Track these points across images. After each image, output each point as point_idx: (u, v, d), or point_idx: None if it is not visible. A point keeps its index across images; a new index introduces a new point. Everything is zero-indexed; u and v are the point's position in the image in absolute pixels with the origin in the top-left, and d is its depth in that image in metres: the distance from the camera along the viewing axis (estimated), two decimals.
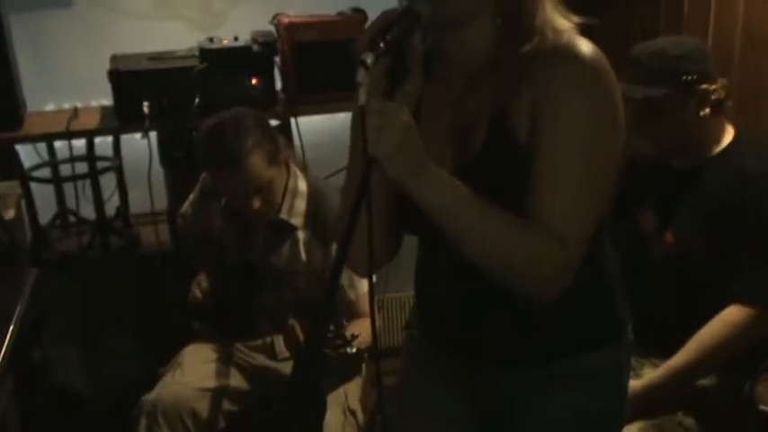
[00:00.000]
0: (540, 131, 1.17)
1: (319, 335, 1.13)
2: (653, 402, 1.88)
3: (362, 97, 1.06)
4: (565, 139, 1.16)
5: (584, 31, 1.21)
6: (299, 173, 2.22)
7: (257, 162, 2.03)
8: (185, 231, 2.44)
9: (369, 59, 1.06)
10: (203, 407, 2.14)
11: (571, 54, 1.16)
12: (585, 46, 1.17)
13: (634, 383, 1.91)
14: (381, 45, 1.08)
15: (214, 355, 2.28)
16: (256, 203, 2.08)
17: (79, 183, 2.99)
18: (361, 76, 1.05)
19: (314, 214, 2.19)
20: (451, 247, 1.18)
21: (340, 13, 2.92)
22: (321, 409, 2.06)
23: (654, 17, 2.59)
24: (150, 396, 2.12)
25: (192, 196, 2.38)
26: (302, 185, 2.21)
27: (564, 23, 1.20)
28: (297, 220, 2.18)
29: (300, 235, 2.19)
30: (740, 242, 1.85)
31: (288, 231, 2.19)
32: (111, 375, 2.80)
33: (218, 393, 2.19)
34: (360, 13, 2.88)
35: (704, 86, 1.89)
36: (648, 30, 2.60)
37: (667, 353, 1.92)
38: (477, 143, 1.22)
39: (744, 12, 2.21)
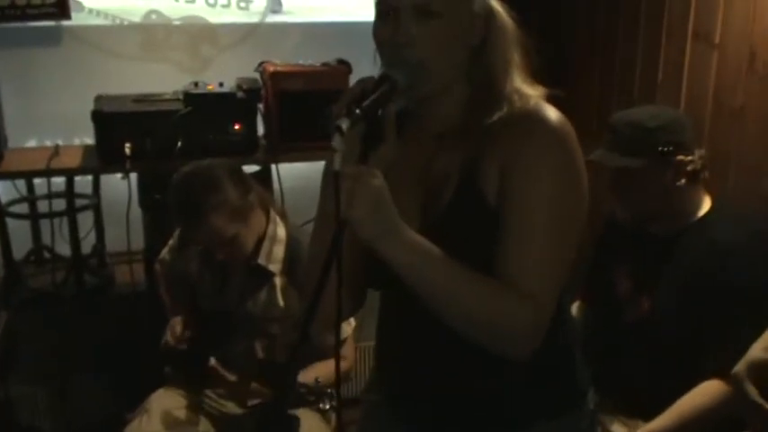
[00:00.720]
0: (509, 194, 1.20)
1: (285, 395, 1.13)
2: None
3: (337, 162, 1.08)
4: (533, 203, 1.19)
5: (561, 96, 1.26)
6: (278, 219, 2.24)
7: (219, 219, 2.05)
8: (163, 277, 2.44)
9: (344, 125, 1.08)
10: None
11: (538, 121, 1.20)
12: (552, 113, 1.22)
13: None
14: (357, 112, 1.10)
15: (183, 402, 2.25)
16: (219, 255, 2.12)
17: (56, 220, 2.99)
18: (337, 141, 1.07)
19: (291, 261, 2.20)
20: (414, 308, 1.20)
21: (325, 64, 2.96)
22: None
23: (629, 84, 2.67)
24: None
25: (171, 242, 2.39)
26: (281, 232, 2.22)
27: (532, 91, 1.25)
28: (275, 267, 2.19)
29: (278, 281, 2.20)
30: (714, 313, 1.85)
31: (265, 277, 2.20)
32: (77, 417, 2.76)
33: None
34: (344, 64, 2.93)
35: (681, 157, 1.92)
36: (624, 96, 2.68)
37: (636, 413, 1.93)
38: (445, 201, 1.25)
39: (714, 81, 2.28)
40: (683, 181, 1.94)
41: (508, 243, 1.20)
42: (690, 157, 1.94)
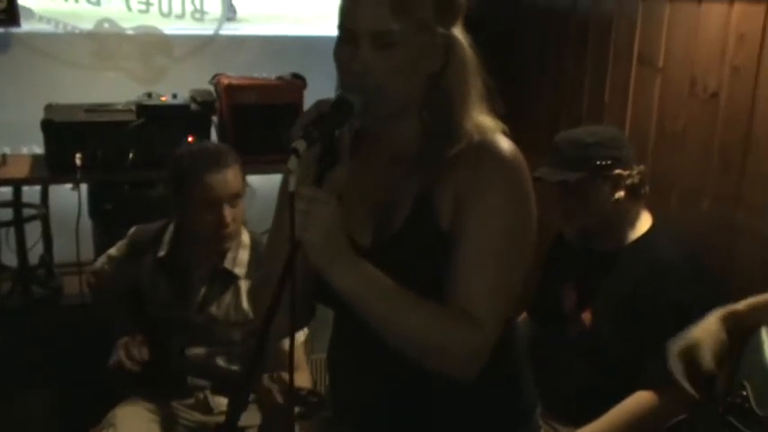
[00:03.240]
0: (462, 222, 1.23)
1: (239, 410, 1.14)
2: None
3: (292, 184, 1.10)
4: (484, 230, 1.22)
5: (514, 119, 1.30)
6: (241, 226, 2.26)
7: (237, 172, 2.16)
8: (100, 288, 2.40)
9: (300, 148, 1.09)
10: None
11: (492, 152, 1.23)
12: (505, 144, 1.25)
13: None
14: (314, 134, 1.12)
15: (150, 416, 2.21)
16: (229, 216, 2.12)
17: (3, 230, 2.93)
18: (293, 163, 1.09)
19: (257, 265, 2.22)
20: (365, 327, 1.21)
21: (279, 78, 2.98)
22: None
23: (578, 105, 2.74)
24: None
25: (112, 252, 2.35)
26: (245, 237, 2.25)
27: (489, 123, 1.27)
28: (240, 270, 2.21)
29: (243, 285, 2.21)
30: (649, 331, 1.91)
31: (230, 281, 2.21)
32: (23, 431, 2.70)
33: None
34: (299, 79, 2.95)
35: (618, 171, 2.01)
36: (573, 117, 2.75)
37: (577, 423, 1.97)
38: (398, 222, 1.27)
39: (658, 103, 2.36)
40: (622, 194, 2.01)
41: (459, 269, 1.22)
42: (628, 172, 2.02)
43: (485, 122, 1.26)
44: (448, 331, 1.21)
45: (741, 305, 1.49)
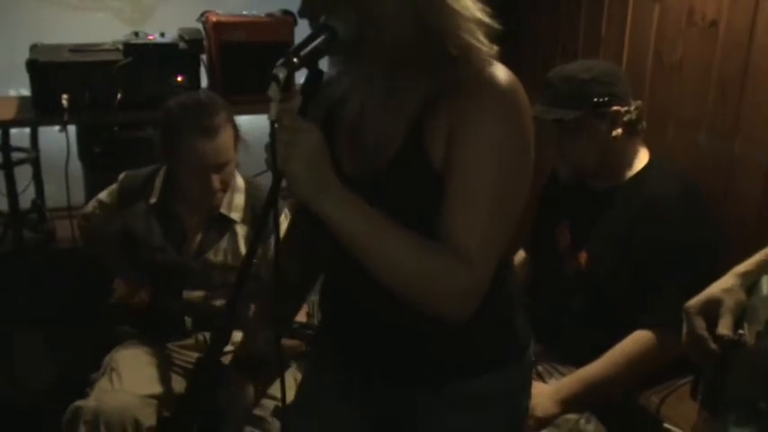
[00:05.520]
0: (455, 157, 1.17)
1: (220, 344, 1.14)
2: (562, 405, 1.92)
3: (273, 112, 1.06)
4: (477, 163, 1.17)
5: (510, 52, 1.25)
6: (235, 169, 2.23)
7: (229, 137, 2.08)
8: (92, 233, 2.38)
9: (281, 74, 1.06)
10: (146, 414, 2.06)
11: (490, 82, 1.17)
12: (503, 74, 1.18)
13: (543, 387, 1.97)
14: (295, 61, 1.08)
15: (149, 359, 2.21)
16: (217, 183, 2.09)
17: None
18: (273, 90, 1.05)
19: (252, 208, 2.21)
20: (355, 266, 1.18)
21: (269, 15, 2.91)
22: (217, 419, 2.06)
23: (574, 39, 2.68)
24: (89, 403, 2.02)
25: (102, 196, 2.31)
26: (240, 181, 2.23)
27: (486, 50, 1.20)
28: (236, 215, 2.20)
29: (239, 229, 2.20)
30: (647, 269, 1.90)
31: (226, 226, 2.20)
32: (27, 379, 2.70)
33: (163, 399, 2.12)
34: (289, 15, 2.88)
35: (615, 108, 1.96)
36: (568, 52, 2.70)
37: (578, 363, 1.97)
38: (388, 155, 1.23)
39: (655, 35, 2.31)
40: (620, 131, 1.97)
41: (452, 205, 1.17)
42: (625, 108, 1.97)
43: (483, 46, 1.19)
44: (438, 267, 1.17)
45: (752, 264, 1.47)
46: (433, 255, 1.17)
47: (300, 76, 1.15)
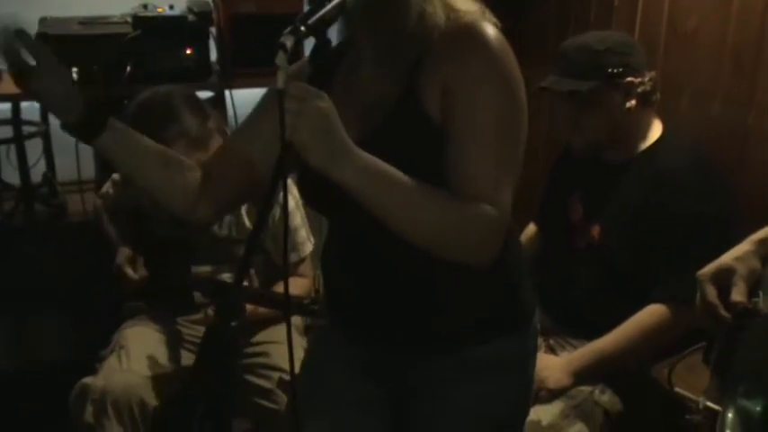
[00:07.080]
0: (454, 108, 1.20)
1: (230, 312, 1.13)
2: (574, 377, 1.92)
3: (280, 80, 1.04)
4: (479, 112, 1.19)
5: (518, 24, 1.25)
6: None
7: (179, 150, 1.95)
8: (106, 211, 2.39)
9: (288, 42, 1.04)
10: (152, 395, 2.07)
11: (477, 36, 1.21)
12: (489, 29, 1.22)
13: (555, 359, 1.97)
14: (302, 29, 1.07)
15: (158, 336, 2.21)
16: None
17: (3, 147, 2.90)
18: (280, 59, 1.04)
19: None
20: (362, 230, 1.19)
21: None
22: (231, 389, 2.07)
23: (585, 10, 2.65)
24: (97, 382, 2.02)
25: (114, 176, 2.32)
26: None
27: (471, 5, 1.25)
28: None
29: None
30: (660, 242, 1.89)
31: None
32: (37, 353, 2.72)
33: (171, 377, 2.13)
34: None
35: (630, 79, 1.94)
36: (580, 22, 2.66)
37: (588, 336, 1.97)
38: (385, 113, 1.25)
39: (669, 4, 2.28)
40: (634, 103, 1.95)
41: (459, 153, 1.20)
42: (640, 79, 1.95)
43: (467, 4, 1.24)
44: (464, 213, 1.19)
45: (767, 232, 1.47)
46: (457, 203, 1.19)
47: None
